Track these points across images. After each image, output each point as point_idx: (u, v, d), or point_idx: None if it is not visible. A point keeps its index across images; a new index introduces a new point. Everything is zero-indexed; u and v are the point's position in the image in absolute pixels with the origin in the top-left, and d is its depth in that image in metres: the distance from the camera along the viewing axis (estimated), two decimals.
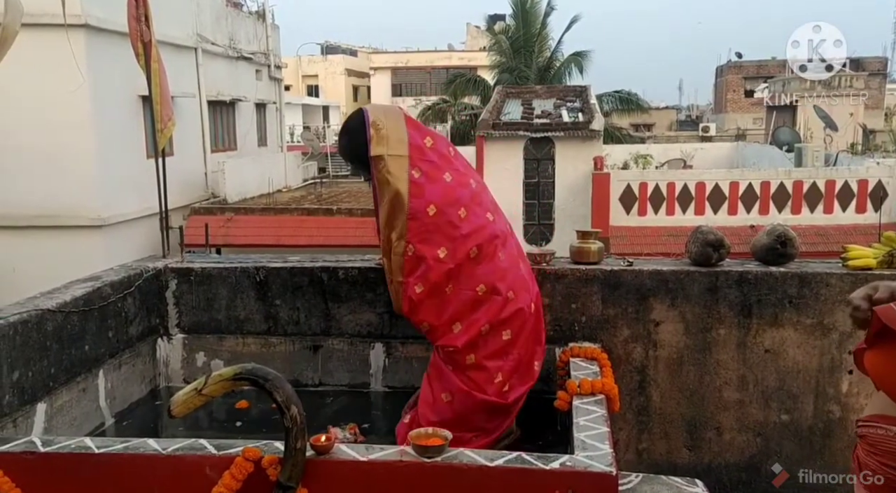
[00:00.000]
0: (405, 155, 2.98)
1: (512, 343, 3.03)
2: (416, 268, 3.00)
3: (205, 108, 14.49)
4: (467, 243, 3.01)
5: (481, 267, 3.03)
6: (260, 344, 3.74)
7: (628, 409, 3.50)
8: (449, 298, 3.02)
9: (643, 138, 25.68)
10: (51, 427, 2.96)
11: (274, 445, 2.36)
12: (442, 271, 3.00)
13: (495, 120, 13.33)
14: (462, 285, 3.03)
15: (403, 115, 3.24)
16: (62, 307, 3.07)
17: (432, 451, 2.28)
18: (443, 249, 3.00)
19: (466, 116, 23.22)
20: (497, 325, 3.01)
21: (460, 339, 3.01)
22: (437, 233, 3.00)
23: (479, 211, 3.11)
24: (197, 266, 3.75)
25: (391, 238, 3.01)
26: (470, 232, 3.03)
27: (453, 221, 3.01)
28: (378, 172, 2.99)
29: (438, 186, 3.03)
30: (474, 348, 3.00)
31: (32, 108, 11.01)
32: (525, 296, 3.09)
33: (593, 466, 2.22)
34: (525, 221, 13.73)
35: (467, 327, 3.01)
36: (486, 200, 3.24)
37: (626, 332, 3.51)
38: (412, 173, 2.98)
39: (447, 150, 3.25)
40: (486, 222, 3.10)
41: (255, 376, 2.38)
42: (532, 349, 3.13)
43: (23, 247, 11.69)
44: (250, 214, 14.03)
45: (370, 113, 3.12)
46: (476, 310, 3.02)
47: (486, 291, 3.01)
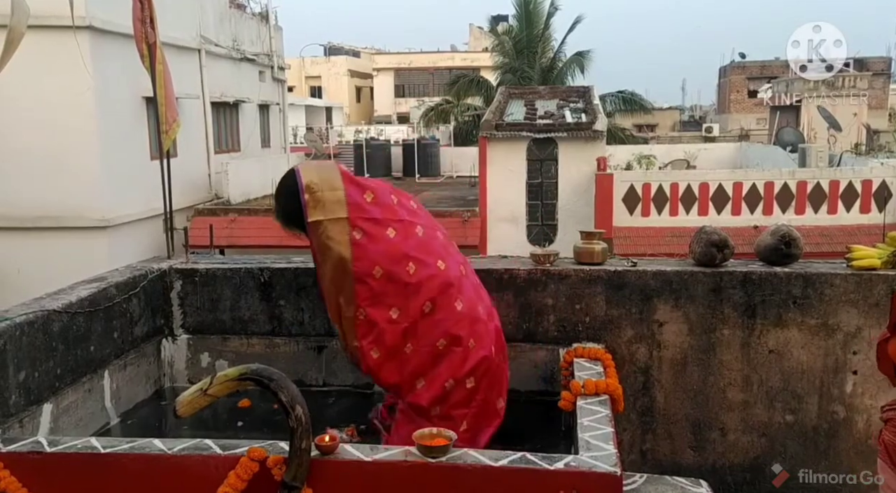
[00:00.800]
0: (344, 217, 2.83)
1: (476, 389, 2.97)
2: (369, 332, 2.88)
3: (208, 109, 14.52)
4: (419, 298, 2.90)
5: (438, 319, 2.93)
6: (264, 345, 3.75)
7: (632, 409, 3.50)
8: (408, 356, 2.94)
9: (646, 139, 25.67)
10: (57, 427, 2.98)
11: (279, 445, 2.37)
12: (397, 332, 2.91)
13: (498, 121, 13.33)
14: (421, 341, 2.94)
15: (339, 170, 3.05)
16: (68, 308, 3.08)
17: (437, 451, 2.28)
18: (394, 309, 2.89)
19: (469, 117, 23.24)
20: (461, 378, 2.95)
21: (424, 396, 2.96)
22: (386, 294, 2.88)
23: (430, 260, 2.98)
24: (202, 267, 3.76)
25: (339, 303, 2.86)
26: (420, 286, 2.90)
27: (402, 279, 2.89)
28: (317, 237, 2.83)
29: (382, 245, 2.90)
30: (440, 402, 2.96)
31: (37, 109, 11.01)
32: (487, 341, 3.01)
33: (598, 466, 2.22)
34: (528, 222, 13.72)
35: (430, 382, 2.94)
36: (436, 245, 3.09)
37: (630, 332, 3.51)
38: (353, 235, 2.83)
39: (389, 199, 3.08)
40: (436, 272, 2.97)
41: (260, 377, 2.39)
42: (496, 391, 3.07)
43: (27, 248, 11.72)
44: (253, 215, 14.04)
45: (303, 175, 2.91)
46: (438, 365, 2.95)
47: (446, 344, 2.93)
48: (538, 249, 4.00)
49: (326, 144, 22.62)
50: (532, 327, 3.56)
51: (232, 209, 13.97)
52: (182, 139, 13.88)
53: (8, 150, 11.40)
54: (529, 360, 3.57)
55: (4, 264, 11.78)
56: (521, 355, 3.58)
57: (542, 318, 3.55)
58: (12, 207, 11.81)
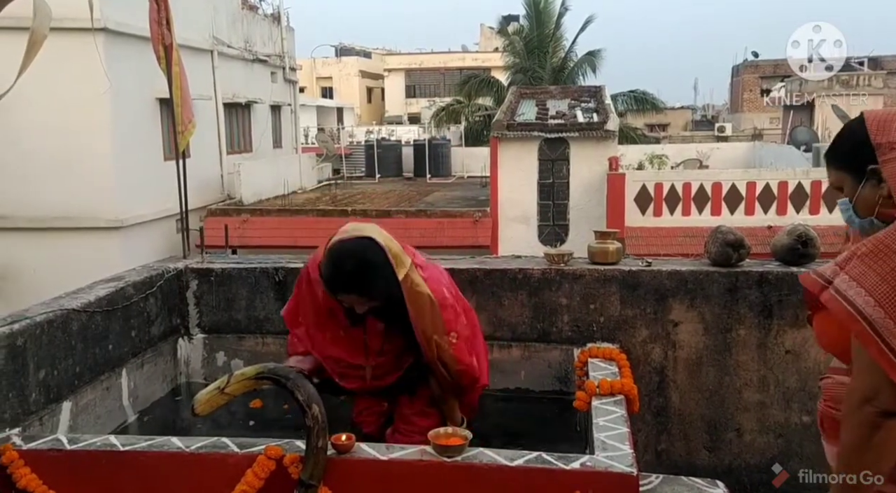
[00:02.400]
0: (411, 262, 2.76)
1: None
2: (464, 346, 2.84)
3: (220, 110, 14.60)
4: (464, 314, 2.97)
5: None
6: (279, 344, 3.76)
7: (647, 410, 3.49)
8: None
9: (658, 139, 25.58)
10: (76, 425, 3.00)
11: (295, 443, 2.38)
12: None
13: (510, 121, 13.32)
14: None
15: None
16: (87, 307, 3.11)
17: (452, 451, 2.29)
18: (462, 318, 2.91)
19: (480, 117, 23.25)
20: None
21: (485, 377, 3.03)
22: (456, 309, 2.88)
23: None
24: (217, 267, 3.78)
25: (437, 342, 2.73)
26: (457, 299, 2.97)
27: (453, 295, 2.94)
28: (407, 291, 2.68)
29: (431, 269, 2.89)
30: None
31: (51, 111, 11.15)
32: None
33: (614, 466, 2.22)
34: (540, 222, 13.71)
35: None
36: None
37: (645, 332, 3.51)
38: (422, 274, 2.78)
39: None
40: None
41: (276, 376, 2.41)
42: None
43: (43, 248, 11.85)
44: (266, 216, 14.12)
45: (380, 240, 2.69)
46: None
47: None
48: (552, 249, 3.99)
49: (338, 144, 22.69)
50: (546, 326, 3.56)
51: (244, 209, 14.05)
52: (195, 140, 13.95)
53: (23, 151, 11.55)
54: (543, 360, 3.57)
55: (21, 264, 11.93)
56: (535, 355, 3.58)
57: (557, 318, 3.55)
58: (28, 208, 11.96)
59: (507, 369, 3.58)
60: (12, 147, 11.46)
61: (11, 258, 12.12)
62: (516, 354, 3.58)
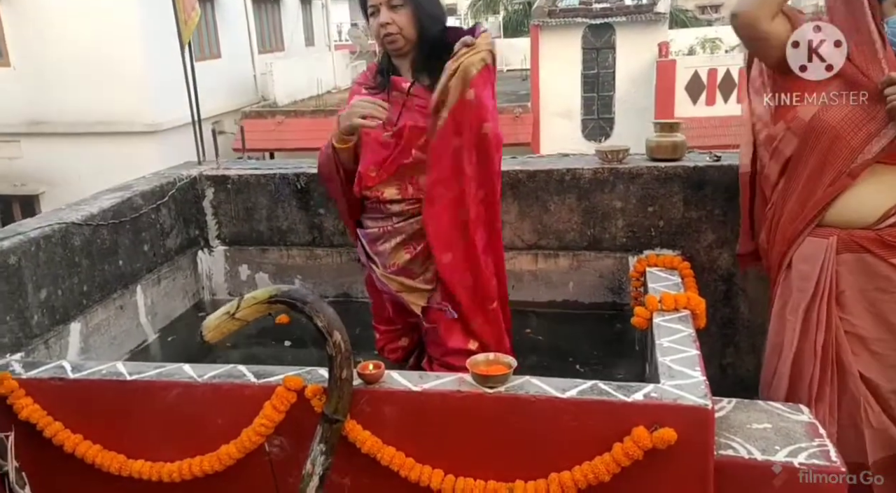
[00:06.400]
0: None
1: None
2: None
3: (249, 5, 13.97)
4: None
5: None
6: (305, 256, 3.48)
7: (711, 321, 3.11)
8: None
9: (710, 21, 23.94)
10: (88, 347, 2.80)
11: (318, 372, 2.11)
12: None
13: (551, 7, 12.42)
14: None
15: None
16: (89, 220, 2.83)
17: (494, 380, 1.99)
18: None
19: (520, 6, 22.00)
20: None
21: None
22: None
23: None
24: (233, 173, 3.46)
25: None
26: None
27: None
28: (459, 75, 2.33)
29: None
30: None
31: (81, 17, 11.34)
32: None
33: (684, 397, 1.89)
34: (583, 116, 13.05)
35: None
36: None
37: (712, 237, 3.10)
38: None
39: None
40: None
41: (292, 299, 2.10)
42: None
43: (84, 155, 12.02)
44: (300, 117, 13.71)
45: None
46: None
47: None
48: (600, 144, 3.55)
49: (372, 40, 21.83)
50: (598, 233, 3.18)
51: (279, 111, 13.67)
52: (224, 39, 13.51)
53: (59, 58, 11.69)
54: (594, 269, 3.22)
55: (66, 171, 12.12)
56: (584, 264, 3.22)
57: (610, 223, 3.16)
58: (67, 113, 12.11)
59: (554, 281, 3.24)
60: (48, 56, 11.68)
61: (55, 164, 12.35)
62: (564, 264, 3.23)
